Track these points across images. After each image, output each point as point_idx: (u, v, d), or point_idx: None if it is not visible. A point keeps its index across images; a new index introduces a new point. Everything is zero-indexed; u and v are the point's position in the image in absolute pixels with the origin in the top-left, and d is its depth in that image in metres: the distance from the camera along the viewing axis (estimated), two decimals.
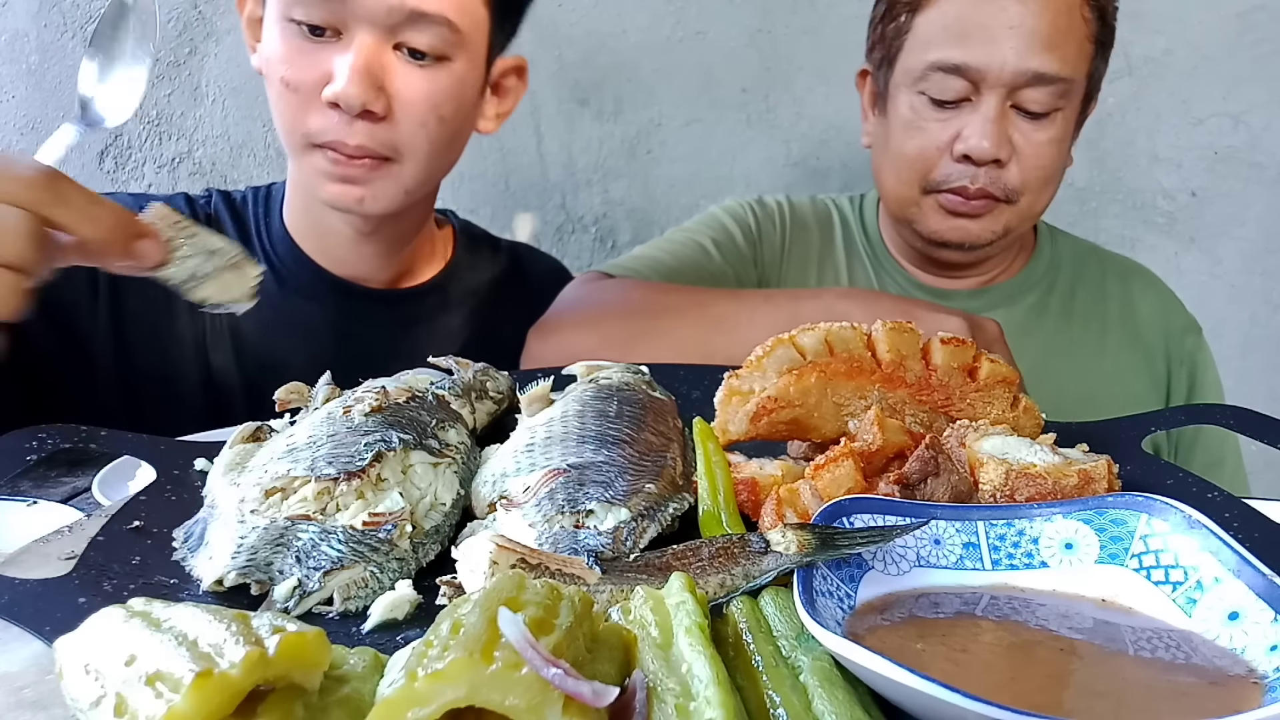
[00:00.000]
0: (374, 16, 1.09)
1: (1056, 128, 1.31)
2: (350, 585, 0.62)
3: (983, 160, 1.29)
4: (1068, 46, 1.27)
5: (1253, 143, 2.14)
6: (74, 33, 2.53)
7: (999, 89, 1.26)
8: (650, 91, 2.36)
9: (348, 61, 1.08)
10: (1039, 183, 1.33)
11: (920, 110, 1.32)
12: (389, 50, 1.11)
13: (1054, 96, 1.27)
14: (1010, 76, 1.25)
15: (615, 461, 0.71)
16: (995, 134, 1.27)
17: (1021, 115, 1.29)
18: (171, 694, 0.38)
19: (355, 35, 1.09)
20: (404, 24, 1.10)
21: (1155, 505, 0.59)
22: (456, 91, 1.16)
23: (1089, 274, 1.53)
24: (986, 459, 0.68)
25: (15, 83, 2.57)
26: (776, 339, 0.76)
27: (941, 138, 1.31)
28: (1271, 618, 0.51)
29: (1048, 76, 1.25)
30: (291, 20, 1.11)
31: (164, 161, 2.59)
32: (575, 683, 0.39)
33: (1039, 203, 1.37)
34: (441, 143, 1.18)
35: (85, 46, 1.02)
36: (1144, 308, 1.51)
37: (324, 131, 1.12)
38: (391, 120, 1.13)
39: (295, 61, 1.12)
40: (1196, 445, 1.45)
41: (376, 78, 1.10)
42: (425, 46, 1.11)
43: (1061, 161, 1.36)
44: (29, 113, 2.59)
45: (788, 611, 0.55)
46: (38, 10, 2.53)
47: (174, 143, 2.58)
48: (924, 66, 1.30)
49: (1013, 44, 1.24)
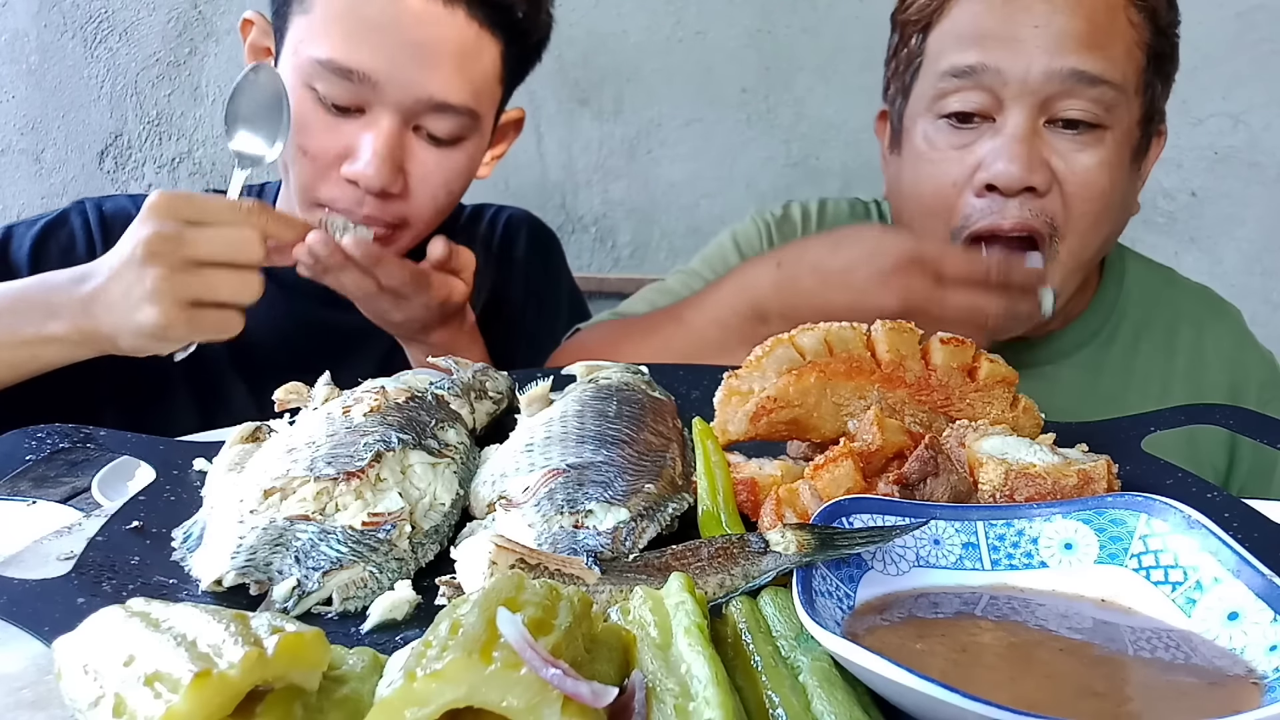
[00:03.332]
0: (401, 104, 1.11)
1: (1105, 149, 1.06)
2: (349, 585, 0.62)
3: (1011, 188, 1.04)
4: (1111, 47, 1.05)
5: (1253, 143, 2.14)
6: (74, 33, 2.54)
7: (1025, 99, 1.04)
8: (650, 91, 2.36)
9: (370, 144, 1.11)
10: (1087, 219, 1.07)
11: (935, 139, 1.11)
12: (409, 132, 1.14)
13: (1098, 105, 1.04)
14: (1039, 79, 1.03)
15: (615, 461, 0.71)
16: (1024, 154, 1.03)
17: (1059, 132, 1.05)
18: (170, 694, 0.38)
19: (379, 117, 1.12)
20: (428, 112, 1.13)
21: (1155, 505, 0.59)
22: (467, 168, 1.21)
23: (1158, 320, 1.27)
24: (986, 459, 0.68)
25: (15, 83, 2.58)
26: (776, 339, 0.76)
27: (960, 170, 1.08)
28: (1271, 618, 0.51)
29: (1088, 75, 1.03)
30: (312, 88, 1.12)
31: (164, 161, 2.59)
32: (574, 683, 0.39)
33: (1089, 247, 1.10)
34: (446, 209, 1.23)
35: (223, 111, 1.13)
36: (1215, 361, 1.26)
37: (337, 200, 1.15)
38: (405, 197, 1.16)
39: (315, 132, 1.14)
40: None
41: (398, 160, 1.13)
42: (444, 133, 1.15)
43: (1117, 195, 1.09)
44: (29, 113, 2.59)
45: (787, 611, 0.54)
46: (38, 10, 2.53)
47: (174, 143, 2.58)
48: (937, 80, 1.10)
49: (1040, 42, 1.03)
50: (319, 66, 1.11)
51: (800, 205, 1.44)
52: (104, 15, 2.51)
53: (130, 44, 2.52)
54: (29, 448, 0.76)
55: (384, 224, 1.17)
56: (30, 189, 2.63)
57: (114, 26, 2.52)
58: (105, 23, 2.52)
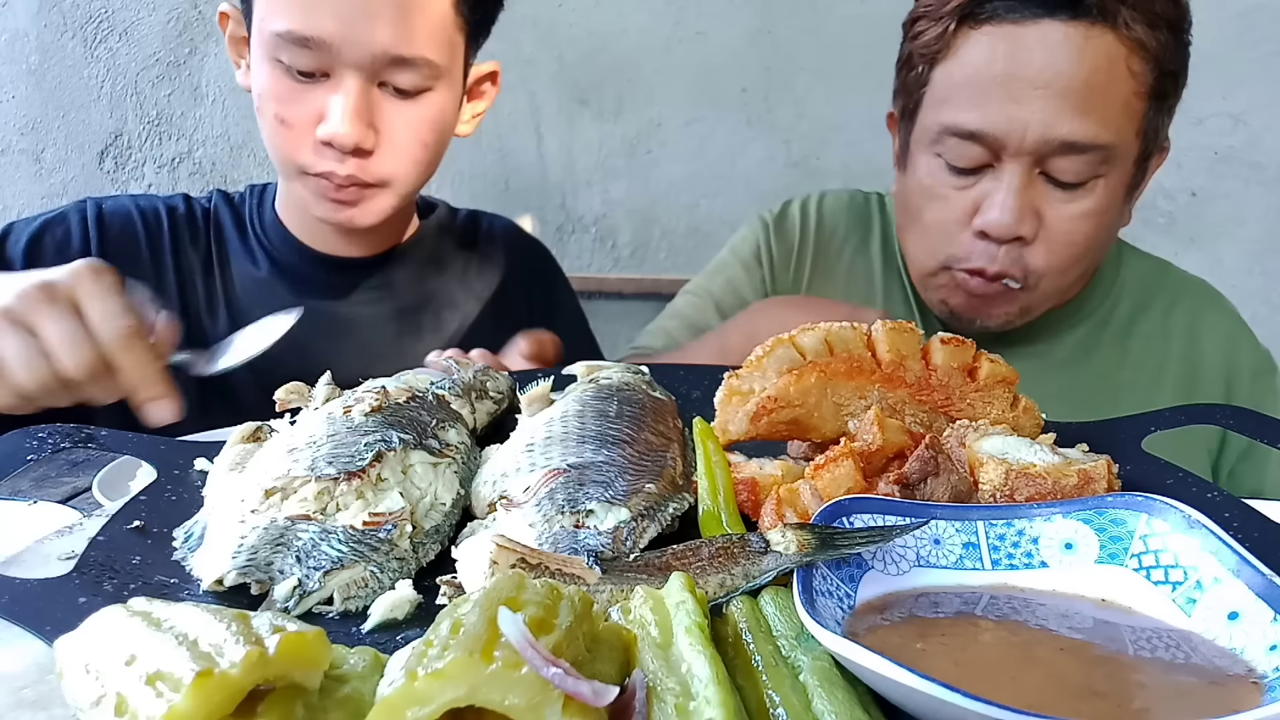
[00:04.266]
0: (359, 63, 1.15)
1: (1095, 199, 1.12)
2: (350, 585, 0.62)
3: (1003, 238, 1.12)
4: (1108, 109, 1.08)
5: (1253, 143, 2.14)
6: (74, 33, 2.54)
7: (1021, 158, 1.10)
8: (650, 91, 2.36)
9: (339, 104, 1.15)
10: (1066, 262, 1.15)
11: (938, 175, 1.17)
12: (375, 88, 1.18)
13: (1090, 165, 1.10)
14: (1034, 145, 1.08)
15: (615, 461, 0.71)
16: (1017, 208, 1.10)
17: (1052, 184, 1.12)
18: (172, 694, 0.39)
19: (343, 78, 1.16)
20: (388, 67, 1.16)
21: (1155, 505, 0.59)
22: (438, 118, 1.24)
23: (1154, 305, 1.32)
24: (986, 459, 0.68)
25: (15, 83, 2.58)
26: (776, 339, 0.76)
27: (960, 208, 1.15)
28: (1271, 618, 0.51)
29: (1080, 145, 1.08)
30: (279, 60, 1.16)
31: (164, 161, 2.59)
32: (575, 682, 0.39)
33: (1063, 282, 1.19)
34: (425, 163, 1.26)
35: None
36: (1210, 346, 1.31)
37: (316, 164, 1.19)
38: (381, 152, 1.20)
39: (286, 100, 1.18)
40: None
41: (367, 117, 1.17)
42: (409, 85, 1.19)
43: (1103, 235, 1.18)
44: (29, 113, 2.59)
45: (788, 611, 0.55)
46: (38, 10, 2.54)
47: (174, 143, 2.58)
48: (939, 129, 1.15)
49: (1037, 107, 1.07)
50: (279, 39, 1.15)
51: (799, 201, 1.45)
52: (104, 15, 2.51)
53: (130, 44, 2.52)
54: (29, 448, 0.76)
55: (366, 185, 1.20)
56: (30, 189, 2.63)
57: (114, 26, 2.52)
58: (105, 23, 2.52)
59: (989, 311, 1.22)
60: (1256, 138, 2.13)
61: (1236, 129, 2.14)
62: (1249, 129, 2.13)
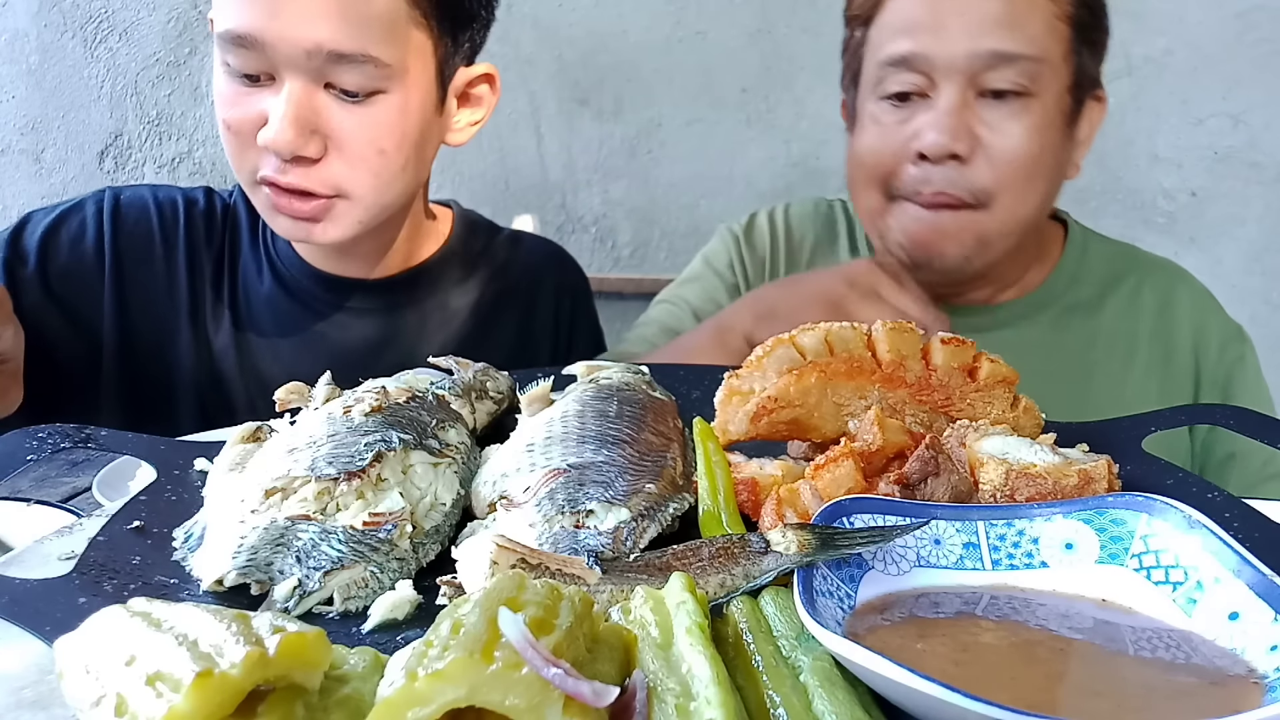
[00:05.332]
0: (296, 62, 1.08)
1: (1032, 115, 1.16)
2: (350, 585, 0.62)
3: (938, 156, 1.15)
4: (1030, 25, 1.15)
5: (1253, 143, 2.14)
6: (74, 33, 2.54)
7: (953, 77, 1.15)
8: (650, 91, 2.36)
9: (279, 109, 1.09)
10: (1017, 180, 1.17)
11: (879, 116, 1.23)
12: (320, 91, 1.11)
13: (1021, 76, 1.15)
14: (964, 61, 1.14)
15: (615, 461, 0.71)
16: (951, 125, 1.14)
17: (988, 103, 1.16)
18: (172, 694, 0.39)
19: (283, 80, 1.10)
20: (329, 65, 1.09)
21: (1155, 505, 0.59)
22: (397, 123, 1.15)
23: (1123, 286, 1.35)
24: (986, 459, 0.68)
25: (15, 83, 2.58)
26: (776, 339, 0.76)
27: (899, 138, 1.19)
28: (1271, 618, 0.51)
29: (1007, 54, 1.14)
30: (226, 63, 1.13)
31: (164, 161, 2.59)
32: (575, 683, 0.39)
33: (1022, 206, 1.20)
34: (389, 173, 1.16)
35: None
36: (1181, 320, 1.34)
37: (262, 168, 1.13)
38: (329, 160, 1.12)
39: (233, 104, 1.13)
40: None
41: (309, 122, 1.10)
42: (354, 86, 1.11)
43: (1047, 157, 1.20)
44: (29, 113, 2.59)
45: (788, 611, 0.54)
46: (38, 10, 2.54)
47: (174, 143, 2.58)
48: (877, 69, 1.21)
49: (963, 24, 1.15)
50: (221, 40, 1.11)
51: (765, 213, 1.49)
52: (104, 15, 2.51)
53: (130, 44, 2.52)
54: (29, 448, 0.76)
55: (319, 195, 1.13)
56: (30, 189, 2.63)
57: (114, 26, 2.52)
58: (105, 23, 2.52)
59: (943, 247, 1.21)
60: (1256, 138, 2.13)
61: (1236, 129, 2.14)
62: (1249, 129, 2.13)
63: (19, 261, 1.22)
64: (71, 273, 1.25)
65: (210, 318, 1.29)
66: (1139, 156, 2.17)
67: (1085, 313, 1.34)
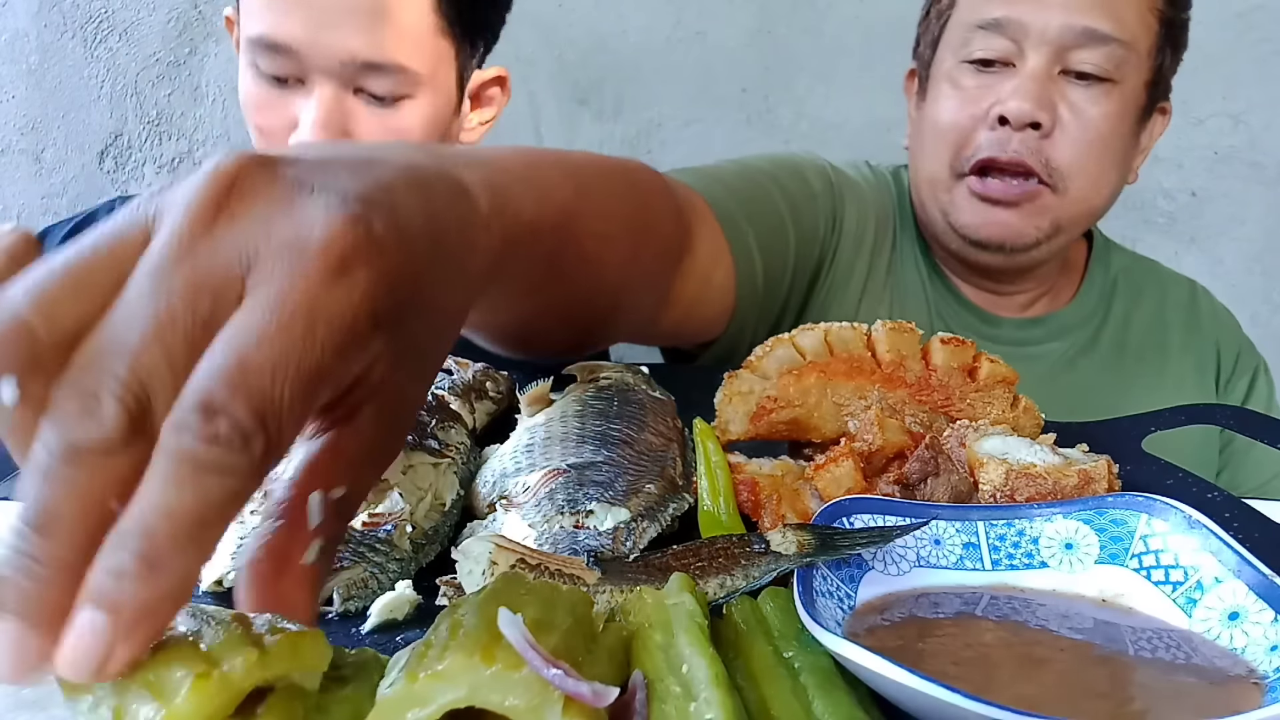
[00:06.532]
0: (329, 69, 1.11)
1: (1112, 102, 1.16)
2: (350, 585, 0.62)
3: (1020, 122, 1.14)
4: (1125, 11, 1.15)
5: (1253, 143, 2.14)
6: (74, 33, 2.53)
7: (1043, 48, 1.14)
8: (650, 91, 2.36)
9: (310, 114, 1.12)
10: (1093, 165, 1.17)
11: (959, 80, 1.20)
12: (350, 96, 1.14)
13: (1109, 60, 1.14)
14: (1056, 32, 1.13)
15: (615, 461, 0.71)
16: (1035, 93, 1.13)
17: (1072, 82, 1.16)
18: (171, 695, 0.38)
19: (315, 84, 1.12)
20: (360, 73, 1.12)
21: (1155, 505, 0.59)
22: (422, 126, 1.18)
23: (1147, 301, 1.36)
24: (986, 459, 0.68)
25: (15, 83, 2.58)
26: (776, 339, 0.76)
27: (980, 104, 1.17)
28: (1271, 618, 0.51)
29: (1100, 34, 1.13)
30: (256, 66, 1.14)
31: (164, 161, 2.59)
32: (575, 683, 0.39)
33: (1096, 195, 1.19)
34: None
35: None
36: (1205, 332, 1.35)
37: None
38: None
39: (263, 108, 1.15)
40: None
41: (340, 127, 1.13)
42: (383, 91, 1.14)
43: (1120, 146, 1.19)
44: (29, 113, 2.59)
45: (787, 611, 0.54)
46: (38, 10, 2.53)
47: (174, 143, 2.58)
48: (965, 31, 1.19)
49: (1059, 1, 1.14)
50: (253, 44, 1.13)
51: (827, 163, 1.42)
52: (104, 15, 2.51)
53: (130, 44, 2.52)
54: None
55: None
56: (30, 189, 2.63)
57: (114, 26, 2.52)
58: (105, 23, 2.52)
59: (1014, 225, 1.17)
60: (1256, 138, 2.13)
61: (1236, 129, 2.14)
62: (1249, 129, 2.13)
63: None
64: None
65: None
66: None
67: (1115, 327, 1.33)
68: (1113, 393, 1.28)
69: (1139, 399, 1.26)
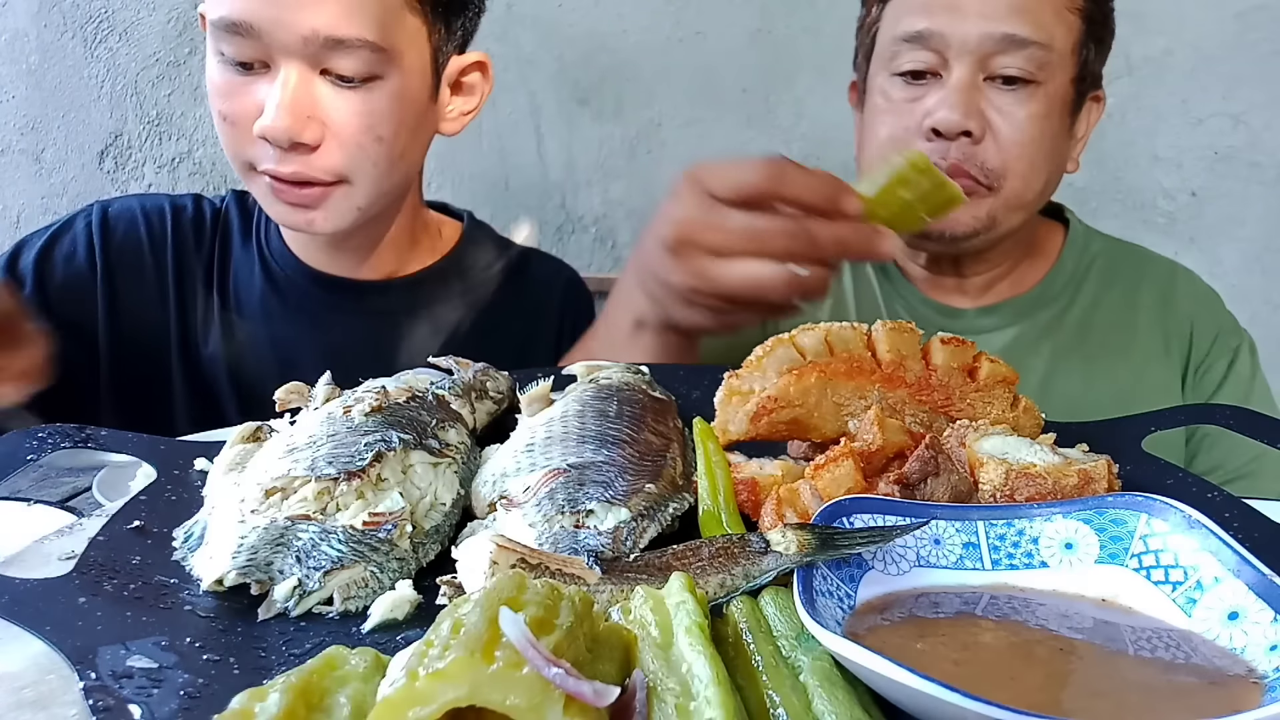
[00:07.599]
0: (293, 48, 1.08)
1: (1038, 103, 1.20)
2: (350, 585, 0.62)
3: (951, 132, 1.19)
4: (1041, 12, 1.19)
5: (1253, 143, 2.14)
6: (74, 33, 2.53)
7: (966, 58, 1.19)
8: (650, 91, 2.36)
9: (275, 96, 1.09)
10: (1023, 165, 1.21)
11: (891, 92, 1.25)
12: (316, 78, 1.11)
13: (1030, 63, 1.18)
14: (977, 41, 1.18)
15: (615, 461, 0.71)
16: (963, 103, 1.18)
17: (997, 87, 1.20)
18: None
19: (279, 67, 1.09)
20: (325, 51, 1.09)
21: (1155, 505, 0.59)
22: (393, 109, 1.15)
23: (1122, 282, 1.38)
24: (986, 459, 0.68)
25: (15, 83, 2.58)
26: (776, 339, 0.76)
27: (912, 117, 1.22)
28: (1271, 617, 0.51)
29: (1019, 39, 1.17)
30: (220, 52, 1.12)
31: (164, 161, 2.59)
32: (576, 682, 0.39)
33: (1028, 190, 1.24)
34: (387, 160, 1.17)
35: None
36: (1180, 312, 1.37)
37: (261, 160, 1.12)
38: (326, 146, 1.12)
39: (228, 95, 1.13)
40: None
41: (305, 109, 1.10)
42: (351, 71, 1.11)
43: (1049, 145, 1.24)
44: (29, 113, 2.59)
45: (788, 611, 0.54)
46: (38, 10, 2.53)
47: (174, 143, 2.58)
48: (892, 44, 1.24)
49: (977, 9, 1.18)
50: (216, 29, 1.11)
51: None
52: (104, 15, 2.51)
53: (130, 44, 2.52)
54: (29, 448, 0.76)
55: (320, 182, 1.13)
56: (30, 189, 2.63)
57: (114, 26, 2.52)
58: (105, 23, 2.52)
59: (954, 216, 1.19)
60: (1256, 138, 2.13)
61: (1236, 129, 2.14)
62: (1249, 129, 2.13)
63: (17, 285, 1.24)
64: (67, 289, 1.27)
65: (201, 321, 1.29)
66: (1139, 156, 2.16)
67: (1081, 309, 1.37)
68: (1075, 372, 1.32)
69: (1100, 375, 1.32)
